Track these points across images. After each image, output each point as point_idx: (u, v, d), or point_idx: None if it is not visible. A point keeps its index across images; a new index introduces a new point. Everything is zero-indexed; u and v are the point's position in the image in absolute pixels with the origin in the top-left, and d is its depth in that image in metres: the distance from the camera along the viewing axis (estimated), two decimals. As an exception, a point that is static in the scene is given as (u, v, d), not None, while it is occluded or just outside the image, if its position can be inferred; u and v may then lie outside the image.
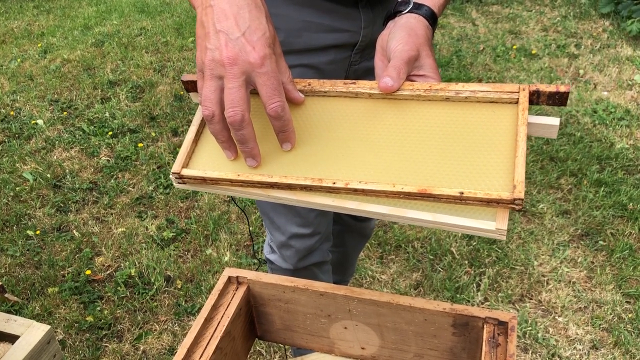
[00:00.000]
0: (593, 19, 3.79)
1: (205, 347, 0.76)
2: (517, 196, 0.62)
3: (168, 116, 3.04)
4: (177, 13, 4.41)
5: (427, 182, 0.67)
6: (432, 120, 0.71)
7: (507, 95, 0.69)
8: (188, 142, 0.77)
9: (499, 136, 0.67)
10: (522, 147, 0.65)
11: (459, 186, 0.65)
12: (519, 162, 0.64)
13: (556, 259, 2.09)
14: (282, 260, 1.35)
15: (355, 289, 0.80)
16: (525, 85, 0.69)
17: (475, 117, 0.70)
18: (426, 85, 0.72)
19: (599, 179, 2.41)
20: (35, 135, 2.95)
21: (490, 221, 0.64)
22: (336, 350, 0.88)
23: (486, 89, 0.70)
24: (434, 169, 0.67)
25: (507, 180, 0.64)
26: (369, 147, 0.71)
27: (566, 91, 0.66)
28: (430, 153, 0.69)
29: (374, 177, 0.68)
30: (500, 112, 0.69)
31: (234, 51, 0.67)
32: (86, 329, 1.91)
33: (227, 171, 0.73)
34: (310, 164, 0.72)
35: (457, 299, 1.95)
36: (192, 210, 2.41)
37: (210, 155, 0.76)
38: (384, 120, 0.72)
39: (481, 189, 0.64)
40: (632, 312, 1.88)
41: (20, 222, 2.39)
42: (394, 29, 0.79)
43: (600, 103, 2.92)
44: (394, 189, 0.66)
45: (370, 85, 0.74)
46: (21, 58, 3.81)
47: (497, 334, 0.73)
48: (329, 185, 0.68)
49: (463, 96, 0.70)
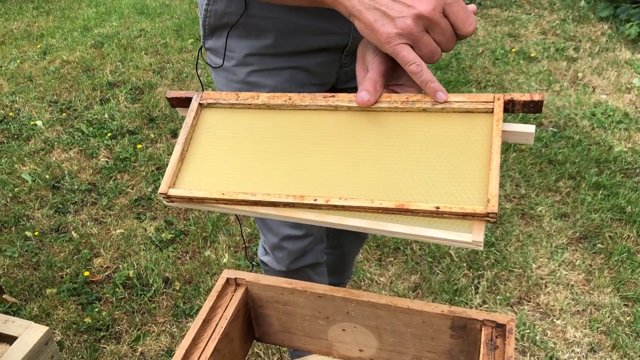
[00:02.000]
0: (592, 23, 3.80)
1: (204, 349, 0.76)
2: (490, 210, 0.64)
3: (167, 118, 3.04)
4: (176, 15, 4.41)
5: (405, 196, 0.68)
6: (410, 132, 0.72)
7: (482, 105, 0.70)
8: (174, 161, 0.78)
9: (474, 147, 0.69)
10: (496, 159, 0.66)
11: (435, 200, 0.67)
12: (493, 175, 0.65)
13: (554, 262, 2.09)
14: (275, 262, 1.35)
15: (353, 291, 0.80)
16: (500, 94, 0.70)
17: (451, 127, 0.71)
18: (403, 97, 0.74)
19: (597, 182, 2.41)
20: (34, 136, 2.95)
21: (466, 233, 0.65)
22: (334, 353, 0.88)
23: (461, 99, 0.71)
24: (412, 182, 0.69)
25: (482, 193, 0.66)
26: (349, 161, 0.73)
27: (540, 100, 0.68)
28: (408, 166, 0.70)
29: (354, 192, 0.70)
30: (476, 122, 0.71)
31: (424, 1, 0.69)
32: (84, 331, 1.91)
33: (211, 190, 0.75)
34: (292, 180, 0.73)
35: (456, 301, 1.95)
36: (191, 212, 2.41)
37: (196, 174, 0.78)
38: (363, 134, 0.74)
39: (457, 203, 0.66)
40: (630, 315, 1.88)
41: (19, 223, 2.39)
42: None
43: (599, 106, 2.93)
44: (372, 205, 0.68)
45: (349, 99, 0.75)
46: (20, 59, 3.81)
47: (495, 336, 0.73)
48: (310, 202, 0.70)
49: (439, 107, 0.72)
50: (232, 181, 0.75)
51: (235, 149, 0.78)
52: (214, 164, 0.78)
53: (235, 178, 0.76)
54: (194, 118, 0.81)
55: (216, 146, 0.79)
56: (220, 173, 0.77)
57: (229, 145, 0.79)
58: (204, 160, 0.79)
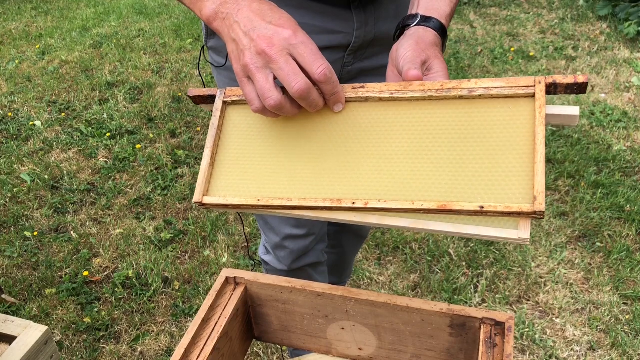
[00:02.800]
0: (591, 22, 3.80)
1: (203, 348, 0.76)
2: (537, 209, 0.61)
3: (166, 118, 3.04)
4: (175, 15, 4.41)
5: (446, 195, 0.65)
6: (447, 123, 0.69)
7: (523, 90, 0.66)
8: (205, 167, 0.77)
9: (517, 138, 0.65)
10: (540, 151, 0.62)
11: (478, 199, 0.64)
12: (539, 169, 0.62)
13: (554, 261, 2.09)
14: (276, 261, 1.35)
15: (352, 290, 0.80)
16: (541, 77, 0.66)
17: (491, 116, 0.67)
18: (437, 84, 0.70)
19: (596, 180, 2.41)
20: (33, 136, 2.95)
21: (512, 229, 0.63)
22: (333, 351, 0.88)
23: (500, 85, 0.67)
24: (451, 180, 0.66)
25: (528, 188, 0.62)
26: (382, 158, 0.70)
27: (584, 82, 0.64)
28: (446, 162, 0.67)
29: (392, 193, 0.68)
30: (517, 108, 0.66)
31: (267, 35, 0.69)
32: (83, 330, 1.91)
33: (247, 197, 0.73)
34: (327, 182, 0.71)
35: (455, 300, 1.95)
36: (190, 212, 2.41)
37: (228, 179, 0.76)
38: (396, 127, 0.71)
39: (501, 201, 0.63)
40: (629, 314, 1.89)
41: (18, 224, 2.39)
42: (401, 40, 0.81)
43: (598, 105, 2.93)
44: (413, 207, 0.66)
45: (380, 89, 0.72)
46: (19, 59, 3.81)
47: (494, 334, 0.73)
48: (348, 206, 0.68)
49: (477, 94, 0.68)
50: (265, 185, 0.74)
51: (263, 149, 0.76)
52: (245, 167, 0.76)
53: (267, 181, 0.74)
54: (219, 118, 0.79)
55: (244, 147, 0.77)
56: (253, 176, 0.75)
57: (256, 145, 0.77)
58: (234, 163, 0.77)
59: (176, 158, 2.72)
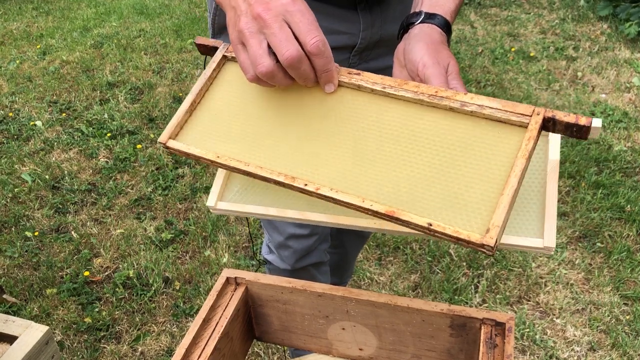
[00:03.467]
0: (591, 22, 3.80)
1: (204, 348, 0.77)
2: (486, 242, 0.56)
3: (167, 118, 3.04)
4: (176, 15, 4.41)
5: (401, 203, 0.62)
6: (428, 131, 0.65)
7: (517, 118, 0.61)
8: (181, 112, 0.75)
9: (494, 164, 0.61)
10: (512, 184, 0.58)
11: (432, 215, 0.60)
12: (503, 203, 0.57)
13: (554, 261, 2.09)
14: (280, 261, 1.35)
15: (353, 290, 0.80)
16: (541, 109, 0.60)
17: (476, 136, 0.63)
18: (432, 89, 0.66)
19: (596, 181, 2.41)
20: (34, 136, 2.95)
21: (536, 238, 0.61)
22: (334, 351, 0.88)
23: (495, 106, 0.62)
24: (412, 189, 0.62)
25: (486, 219, 0.58)
26: (351, 151, 0.67)
27: (586, 125, 0.57)
28: (414, 170, 0.63)
29: (347, 185, 0.65)
30: (505, 135, 0.62)
31: (265, 1, 0.67)
32: (84, 330, 1.91)
33: (208, 151, 0.72)
34: (289, 158, 0.69)
35: (455, 300, 1.95)
36: (191, 212, 2.41)
37: (201, 131, 0.74)
38: (377, 123, 0.68)
39: (453, 224, 0.59)
40: (629, 314, 1.89)
41: (19, 224, 2.39)
42: (408, 40, 0.79)
43: (599, 105, 2.93)
44: (362, 204, 0.63)
45: (374, 80, 0.69)
46: (20, 59, 3.81)
47: (494, 334, 0.73)
48: (300, 186, 0.66)
49: (469, 110, 0.64)
50: (230, 145, 0.72)
51: (246, 111, 0.74)
52: (219, 123, 0.74)
53: (234, 141, 0.72)
54: (214, 70, 0.78)
55: (229, 104, 0.76)
56: (222, 134, 0.73)
57: (241, 105, 0.75)
58: (213, 117, 0.75)
59: (177, 158, 2.72)
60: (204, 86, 0.77)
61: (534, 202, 0.65)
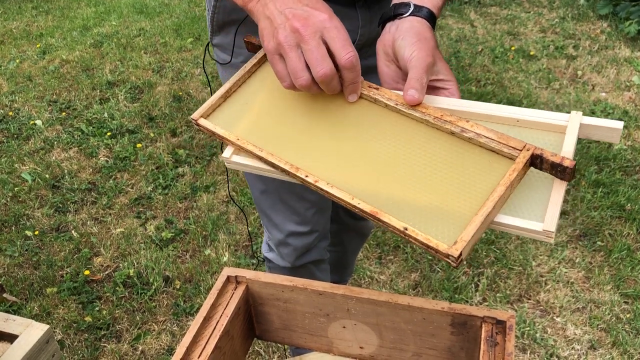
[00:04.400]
0: (591, 21, 3.80)
1: (204, 346, 0.77)
2: (451, 252, 0.61)
3: (167, 117, 3.04)
4: (175, 14, 4.41)
5: (384, 204, 0.67)
6: (428, 147, 0.71)
7: (508, 150, 0.67)
8: (217, 96, 0.83)
9: (479, 187, 0.66)
10: (487, 207, 0.63)
11: (410, 220, 0.65)
12: (475, 221, 0.62)
13: (554, 260, 2.09)
14: (279, 259, 1.35)
15: (354, 288, 0.80)
16: (531, 145, 0.66)
17: (470, 160, 0.69)
18: (439, 112, 0.72)
19: (597, 179, 2.41)
20: (34, 135, 2.95)
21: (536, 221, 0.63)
22: (335, 350, 0.88)
23: (491, 137, 0.68)
24: (404, 195, 0.68)
25: (457, 233, 0.63)
26: (353, 153, 0.73)
27: (569, 167, 0.63)
28: (410, 178, 0.69)
29: (342, 182, 0.71)
30: (496, 163, 0.67)
31: (303, 16, 0.71)
32: (85, 329, 1.91)
33: (231, 133, 0.79)
34: (298, 151, 0.76)
35: (456, 299, 1.95)
36: (191, 211, 2.41)
37: (231, 115, 0.82)
38: (385, 133, 0.74)
39: (427, 232, 0.64)
40: (630, 312, 1.89)
41: (19, 223, 2.39)
42: (398, 33, 0.78)
43: (599, 104, 2.93)
44: (351, 202, 0.68)
45: (389, 96, 0.76)
46: (20, 59, 3.81)
47: (495, 333, 0.73)
48: (301, 176, 0.73)
49: (467, 136, 0.70)
50: (251, 132, 0.79)
51: (271, 107, 0.81)
52: (248, 113, 0.82)
53: (257, 131, 0.79)
54: (254, 65, 0.85)
55: (258, 97, 0.83)
56: (249, 123, 0.80)
57: (269, 101, 0.82)
58: (242, 105, 0.83)
59: (177, 157, 2.72)
60: (242, 77, 0.85)
61: (542, 189, 0.66)
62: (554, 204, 0.64)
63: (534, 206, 0.65)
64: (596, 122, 0.68)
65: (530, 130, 0.71)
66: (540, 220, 0.63)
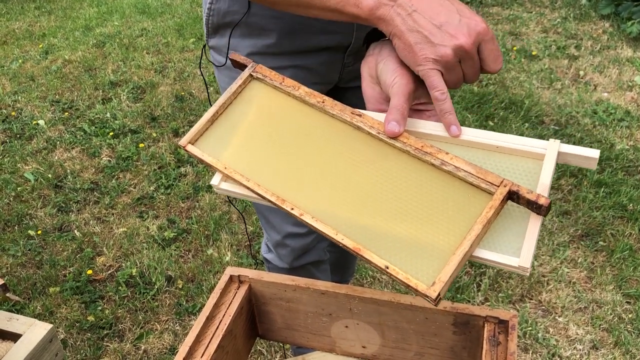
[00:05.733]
0: (593, 21, 3.80)
1: (207, 345, 0.77)
2: (429, 294, 0.62)
3: (169, 117, 3.05)
4: (178, 14, 4.41)
5: (367, 241, 0.68)
6: (409, 179, 0.71)
7: (486, 185, 0.67)
8: (204, 120, 0.82)
9: (458, 223, 0.66)
10: (465, 246, 0.63)
11: (392, 258, 0.66)
12: (452, 261, 0.63)
13: (556, 260, 2.09)
14: (278, 259, 1.36)
15: (356, 288, 0.81)
16: (509, 182, 0.66)
17: (449, 194, 0.69)
18: (419, 143, 0.72)
19: (599, 179, 2.41)
20: (37, 135, 2.96)
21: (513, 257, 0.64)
22: (337, 349, 0.89)
23: (470, 170, 0.69)
24: (385, 229, 0.68)
25: (436, 272, 0.64)
26: (343, 186, 0.73)
27: (544, 205, 0.64)
28: (388, 212, 0.70)
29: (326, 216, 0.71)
30: (474, 198, 0.68)
31: (465, 32, 0.71)
32: (87, 329, 1.92)
33: (218, 161, 0.79)
34: (284, 182, 0.76)
35: (458, 299, 1.95)
36: (193, 211, 2.41)
37: (217, 141, 0.81)
38: (369, 164, 0.74)
39: (407, 271, 0.65)
40: (632, 313, 1.89)
41: (22, 222, 2.40)
42: (381, 57, 0.78)
43: (601, 104, 2.93)
44: (335, 237, 0.69)
45: (371, 124, 0.75)
46: (22, 59, 3.82)
47: (497, 332, 0.74)
48: (287, 209, 0.73)
49: (446, 169, 0.70)
50: (238, 159, 0.79)
51: (257, 130, 0.81)
52: (234, 137, 0.81)
53: (242, 157, 0.79)
54: (239, 86, 0.84)
55: (244, 120, 0.82)
56: (236, 148, 0.80)
57: (254, 124, 0.82)
58: (229, 129, 0.82)
59: (179, 157, 2.73)
60: (227, 100, 0.83)
61: (518, 222, 0.67)
62: (530, 240, 0.65)
63: (511, 239, 0.66)
64: (573, 150, 0.70)
65: (510, 156, 0.71)
66: (516, 254, 0.64)
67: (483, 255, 0.65)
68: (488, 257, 0.65)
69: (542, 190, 0.66)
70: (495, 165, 0.71)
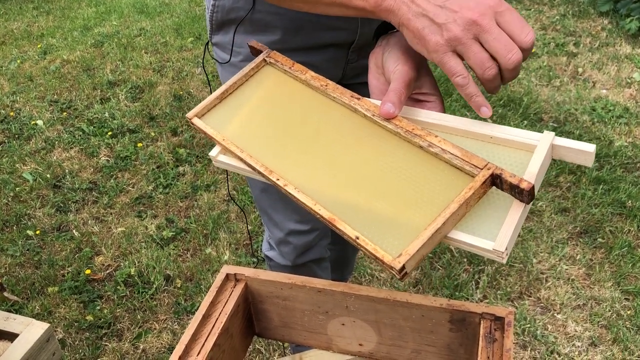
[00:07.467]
0: (592, 18, 3.79)
1: (204, 344, 0.77)
2: (394, 265, 0.61)
3: (167, 116, 3.05)
4: (176, 13, 4.41)
5: (342, 212, 0.68)
6: (395, 158, 0.72)
7: (469, 168, 0.67)
8: (212, 97, 0.85)
9: (435, 202, 0.66)
10: (437, 222, 0.63)
11: (364, 229, 0.66)
12: (422, 236, 0.62)
13: (555, 257, 2.09)
14: (280, 257, 1.36)
15: (353, 286, 0.81)
16: (492, 165, 0.66)
17: (433, 174, 0.69)
18: (410, 126, 0.72)
19: (597, 176, 2.41)
20: (35, 135, 2.96)
21: (488, 240, 0.63)
22: (334, 347, 0.88)
23: (455, 153, 0.68)
24: (359, 203, 0.69)
25: (404, 245, 0.63)
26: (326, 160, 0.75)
27: (526, 189, 0.62)
28: (369, 187, 0.70)
29: (308, 187, 0.73)
30: (456, 180, 0.67)
31: (472, 6, 0.67)
32: (86, 328, 1.92)
33: (218, 133, 0.82)
34: (276, 154, 0.78)
35: (456, 296, 1.95)
36: (192, 210, 2.41)
37: (222, 117, 0.85)
38: (359, 142, 0.75)
39: (377, 242, 0.64)
40: (630, 309, 1.89)
41: (20, 222, 2.40)
42: (387, 47, 0.78)
43: (599, 101, 2.92)
44: (313, 207, 0.70)
45: (368, 107, 0.76)
46: (21, 59, 3.81)
47: (493, 329, 0.73)
48: (273, 179, 0.75)
49: (433, 151, 0.70)
50: (240, 135, 0.82)
51: (262, 110, 0.84)
52: (240, 115, 0.84)
53: (242, 131, 0.82)
54: (252, 69, 0.88)
55: (251, 100, 0.85)
56: (238, 125, 0.83)
57: (260, 105, 0.84)
58: (236, 108, 0.85)
59: (177, 156, 2.73)
60: (239, 80, 0.87)
61: (502, 211, 0.66)
62: (509, 224, 0.64)
63: (491, 225, 0.65)
64: (568, 143, 0.68)
65: (503, 147, 0.70)
66: (493, 239, 0.63)
67: (459, 237, 0.65)
68: (463, 239, 0.64)
69: (529, 178, 0.65)
70: (488, 155, 0.70)
